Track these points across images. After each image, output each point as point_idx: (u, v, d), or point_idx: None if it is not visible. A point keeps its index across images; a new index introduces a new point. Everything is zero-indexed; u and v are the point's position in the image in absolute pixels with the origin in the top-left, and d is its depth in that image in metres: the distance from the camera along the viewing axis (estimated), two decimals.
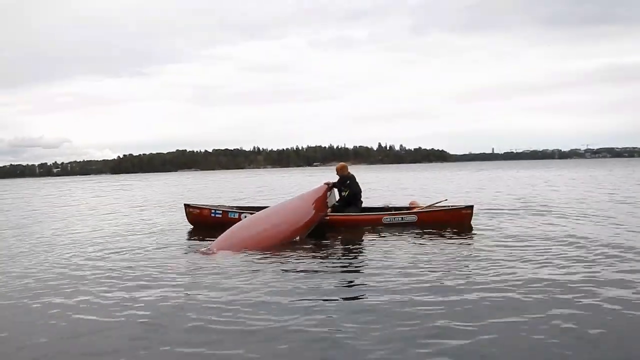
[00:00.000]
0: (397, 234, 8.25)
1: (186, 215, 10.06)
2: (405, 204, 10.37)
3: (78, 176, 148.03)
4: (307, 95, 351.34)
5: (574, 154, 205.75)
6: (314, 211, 8.67)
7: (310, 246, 7.34)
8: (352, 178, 9.69)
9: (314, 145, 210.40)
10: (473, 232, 8.31)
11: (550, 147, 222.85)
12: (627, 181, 23.04)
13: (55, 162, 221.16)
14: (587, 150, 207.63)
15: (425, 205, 9.67)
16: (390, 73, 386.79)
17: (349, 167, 9.84)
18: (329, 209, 9.19)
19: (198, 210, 9.90)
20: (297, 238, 7.95)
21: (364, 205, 9.86)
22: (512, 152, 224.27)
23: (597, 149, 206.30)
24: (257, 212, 8.76)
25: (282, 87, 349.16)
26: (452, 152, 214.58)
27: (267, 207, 9.41)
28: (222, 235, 7.43)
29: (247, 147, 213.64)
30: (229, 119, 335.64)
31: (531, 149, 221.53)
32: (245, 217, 9.02)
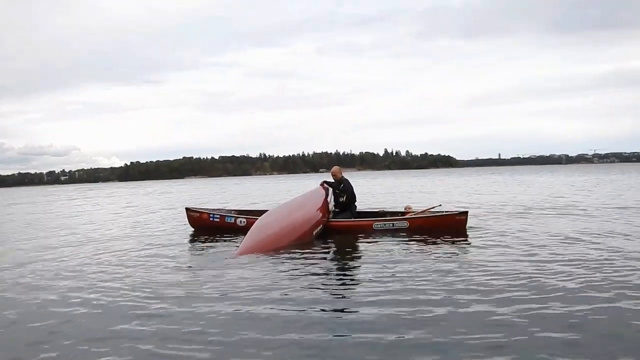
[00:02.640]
0: (388, 240, 8.11)
1: (187, 218, 10.48)
2: (401, 209, 10.28)
3: (85, 184, 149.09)
4: (314, 102, 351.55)
5: (581, 159, 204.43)
6: (321, 213, 8.88)
7: (298, 255, 7.22)
8: (347, 182, 9.74)
9: (320, 151, 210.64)
10: (467, 238, 8.14)
11: (557, 152, 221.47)
12: (635, 184, 22.80)
13: (63, 169, 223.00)
14: (594, 155, 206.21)
15: (419, 211, 9.58)
16: (397, 79, 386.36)
17: (354, 173, 9.97)
18: (331, 213, 9.35)
19: (198, 214, 10.35)
20: (316, 231, 8.45)
21: (358, 209, 9.91)
22: (519, 157, 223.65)
23: (605, 154, 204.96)
24: (270, 213, 8.78)
25: (289, 93, 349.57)
26: (459, 158, 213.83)
27: (265, 210, 9.48)
28: (244, 240, 7.59)
29: (254, 154, 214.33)
30: (235, 126, 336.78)
31: (538, 154, 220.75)
32: (241, 221, 9.65)
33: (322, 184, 9.78)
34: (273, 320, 4.15)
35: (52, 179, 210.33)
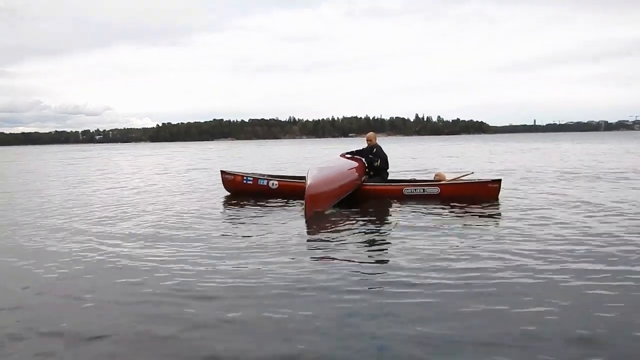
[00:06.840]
0: (419, 206, 8.14)
1: (222, 181, 10.71)
2: (431, 176, 10.23)
3: (119, 144, 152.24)
4: (342, 66, 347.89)
5: (621, 126, 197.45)
6: (360, 171, 9.49)
7: (331, 217, 7.37)
8: (379, 147, 9.93)
9: (349, 116, 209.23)
10: (500, 207, 8.03)
11: (596, 118, 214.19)
12: None
13: (98, 129, 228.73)
14: (635, 122, 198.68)
15: (450, 179, 9.51)
16: (427, 43, 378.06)
17: (384, 138, 10.20)
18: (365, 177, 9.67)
19: (232, 177, 10.54)
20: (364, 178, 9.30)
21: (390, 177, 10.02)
22: (555, 123, 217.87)
23: None
24: (323, 169, 9.11)
25: (318, 57, 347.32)
26: (491, 124, 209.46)
27: (297, 177, 9.94)
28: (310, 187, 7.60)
29: (283, 118, 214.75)
30: (264, 89, 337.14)
31: (575, 121, 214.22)
32: (273, 184, 9.96)
33: (342, 155, 10.29)
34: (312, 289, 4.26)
35: (87, 137, 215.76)
